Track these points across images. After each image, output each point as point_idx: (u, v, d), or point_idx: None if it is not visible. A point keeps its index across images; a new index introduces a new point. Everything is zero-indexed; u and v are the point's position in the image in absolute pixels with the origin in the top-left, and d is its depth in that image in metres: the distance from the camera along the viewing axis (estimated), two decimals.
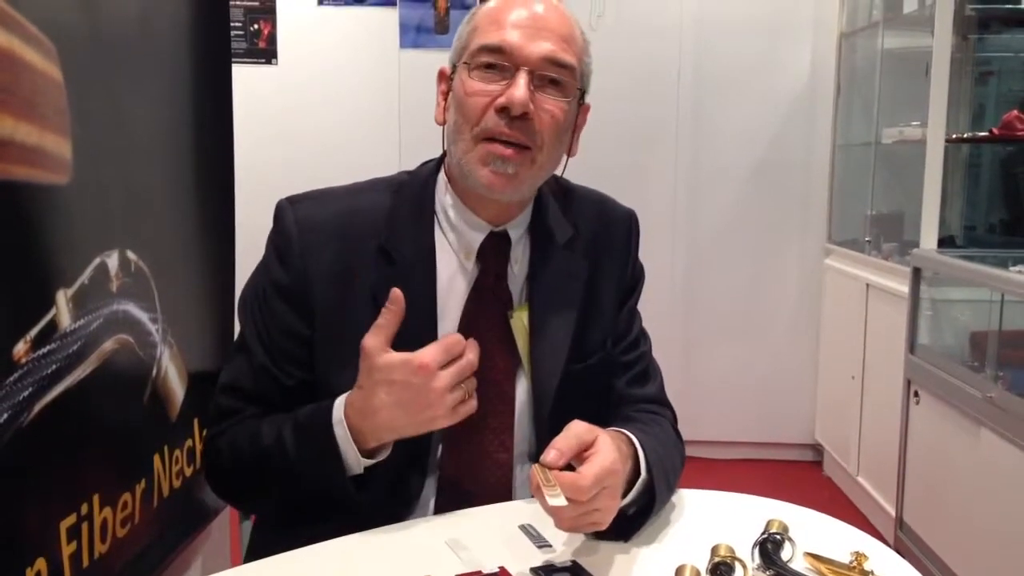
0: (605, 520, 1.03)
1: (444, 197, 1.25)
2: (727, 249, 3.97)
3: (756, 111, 3.89)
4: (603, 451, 1.02)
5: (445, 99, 1.23)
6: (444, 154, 1.27)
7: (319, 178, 1.58)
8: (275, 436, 1.15)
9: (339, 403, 1.12)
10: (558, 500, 0.95)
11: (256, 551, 1.19)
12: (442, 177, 1.27)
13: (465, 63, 1.17)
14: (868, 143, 3.55)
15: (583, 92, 1.22)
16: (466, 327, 1.22)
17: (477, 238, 1.23)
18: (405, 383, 1.06)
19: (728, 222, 3.96)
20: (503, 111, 1.14)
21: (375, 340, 1.07)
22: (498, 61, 1.15)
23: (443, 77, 1.24)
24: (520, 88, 1.13)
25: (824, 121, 3.86)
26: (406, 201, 1.25)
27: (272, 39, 3.88)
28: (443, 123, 1.23)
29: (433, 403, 1.07)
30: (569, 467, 1.01)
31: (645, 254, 1.39)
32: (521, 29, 1.15)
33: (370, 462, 1.12)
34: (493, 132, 1.15)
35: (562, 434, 1.03)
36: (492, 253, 1.24)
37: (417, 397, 1.07)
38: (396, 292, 1.08)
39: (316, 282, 1.19)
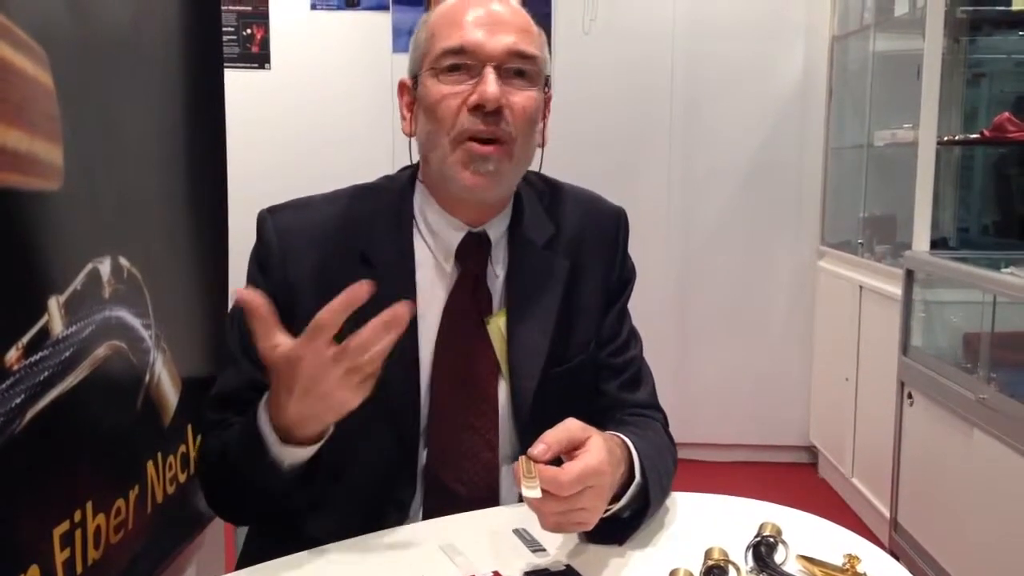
0: (590, 520, 1.02)
1: (422, 202, 1.26)
2: (720, 251, 3.97)
3: (749, 114, 3.90)
4: (592, 450, 1.02)
5: (410, 110, 1.23)
6: (419, 162, 1.28)
7: (312, 183, 1.58)
8: (228, 437, 1.16)
9: (263, 402, 1.10)
10: (533, 492, 0.95)
11: (250, 557, 1.19)
12: (420, 185, 1.27)
13: (431, 69, 1.18)
14: (860, 145, 3.56)
15: (547, 81, 1.24)
16: (446, 331, 1.22)
17: (455, 238, 1.24)
18: (295, 378, 1.02)
19: (721, 224, 3.97)
20: (476, 109, 1.15)
21: (264, 343, 1.03)
22: (463, 61, 1.16)
23: (404, 89, 1.25)
24: (491, 83, 1.14)
25: (816, 124, 3.87)
26: (384, 207, 1.25)
27: (265, 44, 3.89)
28: (411, 134, 1.23)
29: (331, 389, 1.01)
30: (559, 463, 1.01)
31: (638, 256, 1.38)
32: (480, 27, 1.16)
33: (299, 451, 1.08)
34: (470, 132, 1.15)
35: (554, 428, 1.03)
36: (471, 254, 1.24)
37: (312, 387, 1.02)
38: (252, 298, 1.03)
39: (298, 289, 1.19)
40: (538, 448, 1.00)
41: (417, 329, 1.22)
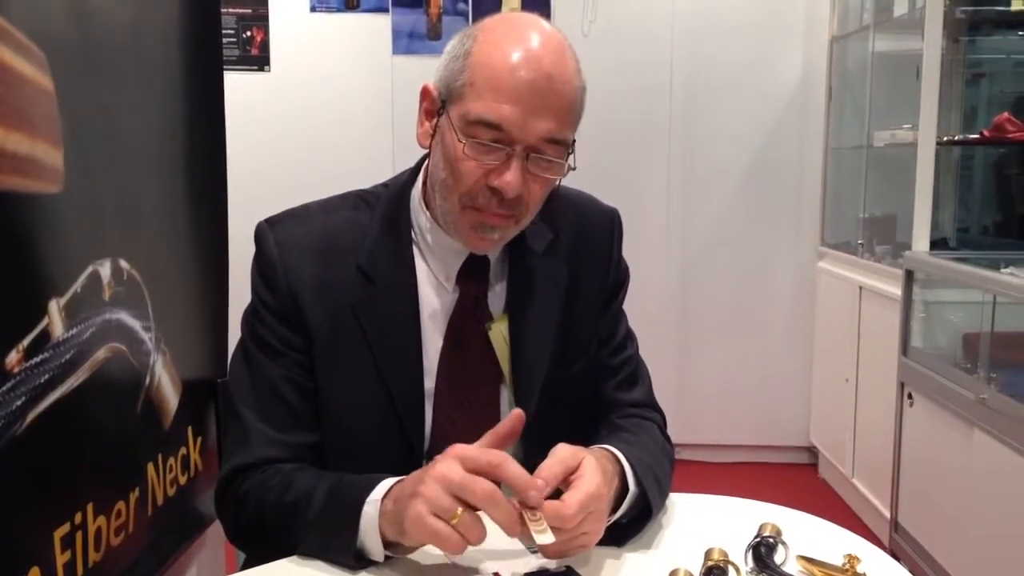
0: (591, 543, 1.02)
1: (420, 218, 1.23)
2: (720, 252, 3.98)
3: (748, 114, 3.90)
4: (587, 475, 1.01)
5: (429, 120, 1.18)
6: (418, 166, 1.26)
7: (312, 185, 1.59)
8: (306, 492, 1.10)
9: (384, 483, 1.05)
10: (546, 537, 0.95)
11: (251, 559, 1.19)
12: (417, 194, 1.24)
13: (460, 126, 1.10)
14: (860, 146, 3.56)
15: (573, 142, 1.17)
16: (449, 344, 1.22)
17: (456, 262, 1.22)
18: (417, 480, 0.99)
19: (721, 225, 3.97)
20: (495, 190, 1.11)
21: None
22: (494, 138, 1.09)
23: (427, 96, 1.17)
24: (514, 173, 1.09)
25: (816, 124, 3.87)
26: (381, 219, 1.23)
27: (264, 46, 3.89)
28: (427, 148, 1.20)
29: (429, 483, 0.97)
30: (556, 491, 1.01)
31: (639, 257, 1.38)
32: (522, 102, 1.08)
33: (388, 554, 1.04)
34: (482, 207, 1.13)
35: (546, 461, 1.02)
36: (472, 275, 1.23)
37: (410, 493, 0.98)
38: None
39: (302, 300, 1.18)
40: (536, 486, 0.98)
41: (421, 340, 1.21)
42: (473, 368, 1.23)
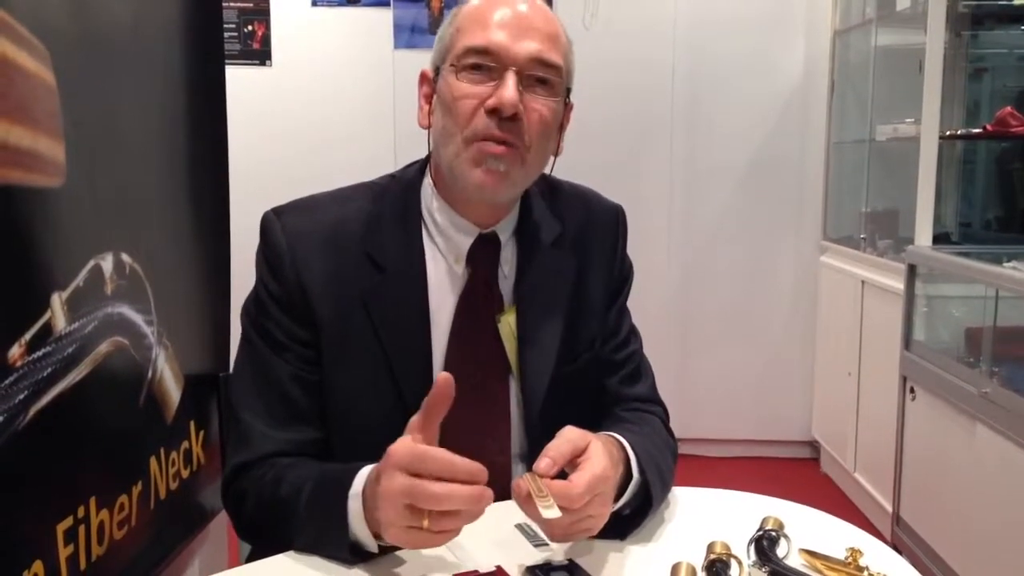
0: (597, 526, 1.03)
1: (430, 201, 1.24)
2: (722, 247, 3.97)
3: (750, 109, 3.90)
4: (594, 458, 1.02)
5: (428, 102, 1.22)
6: (428, 157, 1.27)
7: (314, 179, 1.59)
8: (295, 487, 1.10)
9: (361, 474, 1.04)
10: (552, 512, 0.94)
11: (255, 552, 1.19)
12: (427, 180, 1.25)
13: (452, 65, 1.16)
14: (862, 140, 3.56)
15: (568, 90, 1.22)
16: (458, 333, 1.22)
17: (466, 242, 1.23)
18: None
19: (723, 220, 3.97)
20: (493, 112, 1.13)
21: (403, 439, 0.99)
22: (485, 62, 1.14)
23: (425, 80, 1.23)
24: (509, 89, 1.13)
25: (818, 118, 3.87)
26: (391, 207, 1.24)
27: (266, 40, 3.89)
28: (427, 127, 1.23)
29: (384, 505, 0.96)
30: (561, 473, 1.01)
31: (641, 252, 1.38)
32: (507, 29, 1.14)
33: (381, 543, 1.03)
34: (484, 134, 1.14)
35: (554, 441, 1.02)
36: (482, 257, 1.23)
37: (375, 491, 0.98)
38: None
39: (311, 293, 1.18)
40: (543, 463, 0.99)
41: (430, 329, 1.21)
42: (482, 361, 1.23)
